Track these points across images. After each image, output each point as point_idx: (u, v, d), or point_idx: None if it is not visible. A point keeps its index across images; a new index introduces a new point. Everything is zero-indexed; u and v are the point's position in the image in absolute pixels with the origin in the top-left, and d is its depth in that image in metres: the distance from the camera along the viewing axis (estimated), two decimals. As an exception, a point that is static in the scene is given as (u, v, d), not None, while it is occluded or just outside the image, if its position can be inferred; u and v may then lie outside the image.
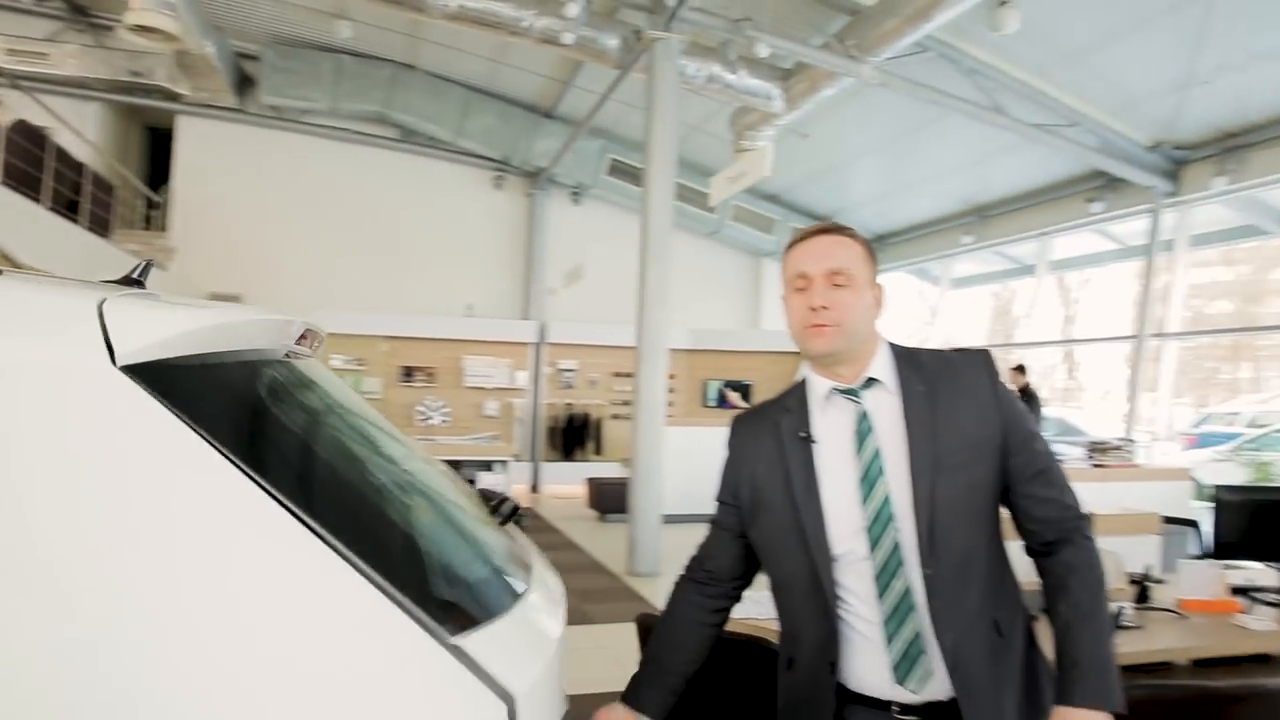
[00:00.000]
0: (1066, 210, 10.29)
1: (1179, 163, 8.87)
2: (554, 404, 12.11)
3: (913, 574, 1.44)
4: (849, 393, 1.52)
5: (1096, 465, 6.49)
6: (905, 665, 1.45)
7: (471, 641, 0.93)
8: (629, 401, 12.71)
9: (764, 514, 1.56)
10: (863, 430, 1.49)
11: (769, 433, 1.58)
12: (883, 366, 1.54)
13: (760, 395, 12.55)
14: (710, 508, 1.67)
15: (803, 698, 1.54)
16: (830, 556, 1.47)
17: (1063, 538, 1.50)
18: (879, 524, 1.45)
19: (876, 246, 7.81)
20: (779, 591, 1.60)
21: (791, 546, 1.51)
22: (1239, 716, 2.14)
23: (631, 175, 12.73)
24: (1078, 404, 19.46)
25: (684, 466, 7.54)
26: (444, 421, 11.33)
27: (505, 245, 13.03)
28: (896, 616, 1.45)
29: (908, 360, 1.55)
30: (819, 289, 1.48)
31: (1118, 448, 6.50)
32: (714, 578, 1.64)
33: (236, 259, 11.49)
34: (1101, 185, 9.60)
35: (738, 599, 1.68)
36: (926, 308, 15.58)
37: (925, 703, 1.46)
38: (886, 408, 1.50)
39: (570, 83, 11.04)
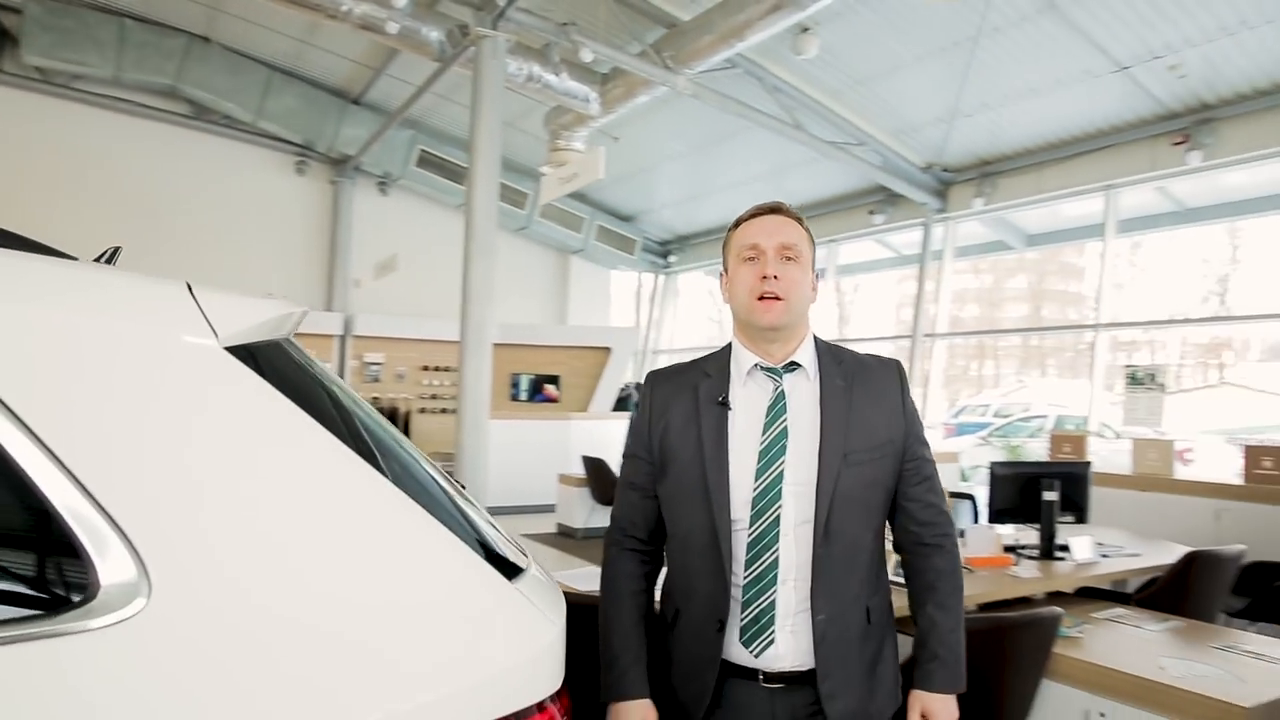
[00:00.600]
0: (852, 220, 11.33)
1: (946, 183, 10.05)
2: (360, 398, 11.81)
3: (785, 552, 1.51)
4: (771, 371, 1.59)
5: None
6: (752, 631, 1.53)
7: (521, 586, 1.12)
8: (438, 395, 12.65)
9: (672, 469, 1.60)
10: (776, 409, 1.56)
11: (687, 393, 1.62)
12: (807, 353, 1.61)
13: (567, 388, 12.87)
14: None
15: (689, 651, 1.58)
16: (730, 518, 1.52)
17: (936, 543, 1.63)
18: (765, 499, 1.51)
19: (677, 247, 8.56)
20: (676, 546, 1.64)
21: (695, 504, 1.55)
22: (1017, 638, 2.70)
23: (442, 167, 12.62)
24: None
25: (501, 460, 7.72)
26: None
27: (308, 234, 12.53)
28: (758, 587, 1.51)
29: (830, 354, 1.63)
30: (771, 260, 1.56)
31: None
32: (644, 543, 1.67)
33: (-5, 236, 10.32)
34: (883, 199, 10.67)
35: (661, 561, 1.71)
36: (715, 304, 16.44)
37: (784, 670, 1.53)
38: (803, 393, 1.58)
39: (382, 70, 10.80)
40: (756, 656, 1.53)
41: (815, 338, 1.65)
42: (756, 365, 1.60)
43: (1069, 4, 6.75)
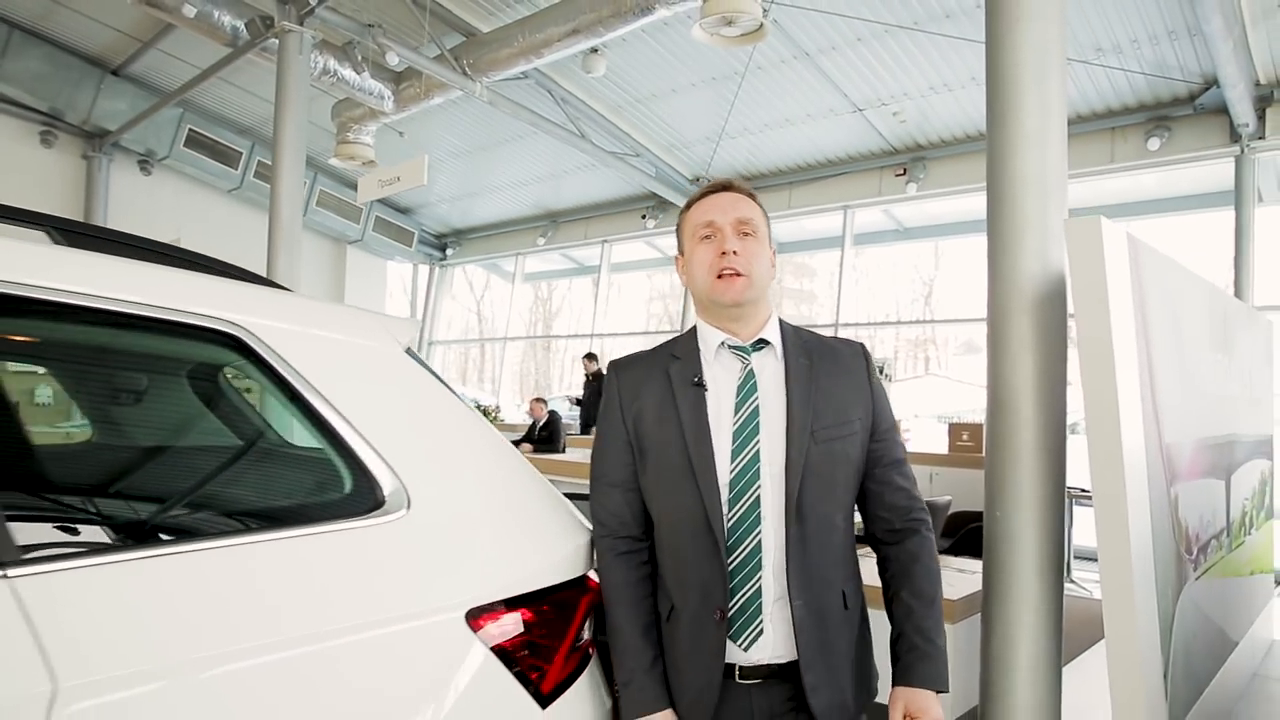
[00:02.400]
0: (626, 223, 12.26)
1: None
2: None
3: (767, 535, 1.47)
4: (740, 350, 1.55)
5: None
6: (740, 621, 1.47)
7: (569, 506, 1.73)
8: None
9: (653, 455, 1.55)
10: (746, 387, 1.52)
11: (658, 377, 1.57)
12: (774, 331, 1.58)
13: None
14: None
15: (692, 648, 1.51)
16: (719, 496, 1.48)
17: (908, 528, 1.58)
18: (743, 480, 1.47)
19: (453, 240, 9.35)
20: (665, 537, 1.57)
21: (682, 487, 1.50)
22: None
23: (212, 149, 12.10)
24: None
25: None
26: None
27: (57, 211, 11.50)
28: (743, 573, 1.46)
29: (794, 333, 1.61)
30: (729, 236, 1.52)
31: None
32: (637, 541, 1.60)
33: None
34: (654, 205, 11.68)
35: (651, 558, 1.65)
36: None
37: (764, 664, 1.47)
38: (771, 371, 1.54)
39: (151, 44, 10.25)
40: (746, 650, 1.47)
41: (779, 318, 1.63)
42: (724, 344, 1.56)
43: (818, 54, 8.00)
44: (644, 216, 11.86)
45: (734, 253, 1.51)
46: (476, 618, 1.32)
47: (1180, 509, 3.10)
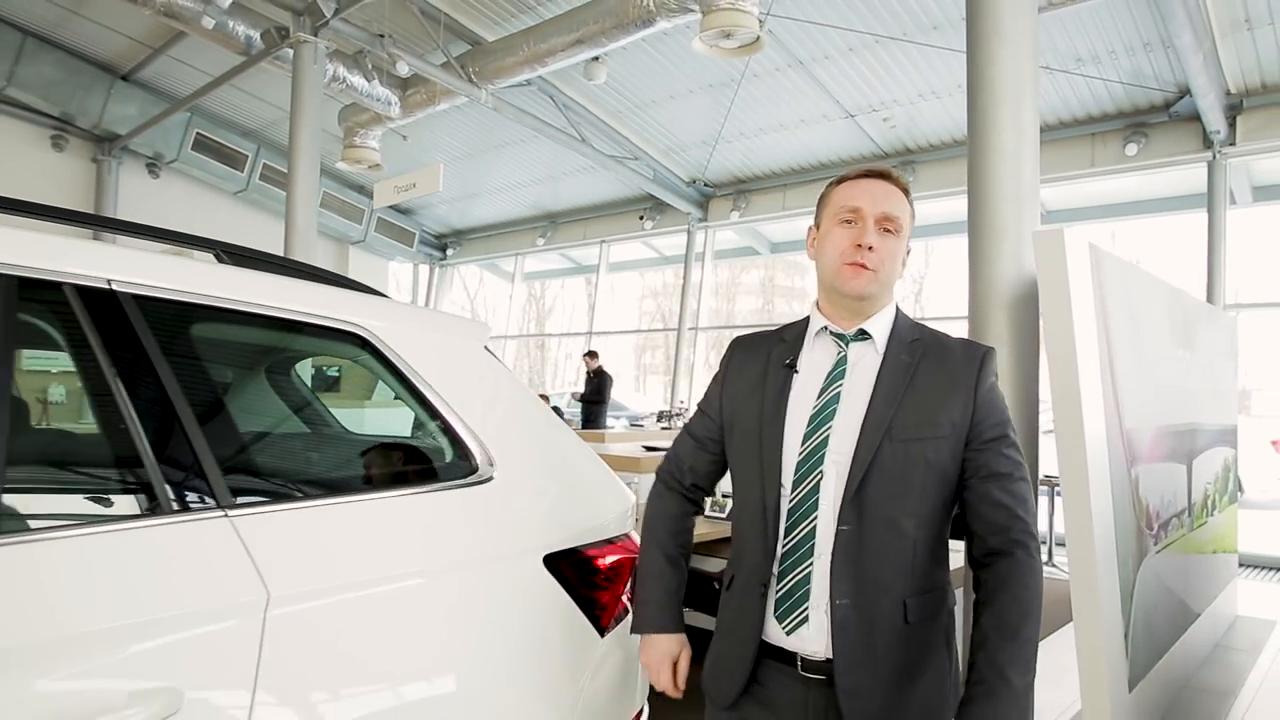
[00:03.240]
0: (624, 224, 12.59)
1: (708, 197, 11.57)
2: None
3: (822, 525, 1.43)
4: (839, 337, 1.53)
5: (665, 428, 8.57)
6: (786, 605, 1.45)
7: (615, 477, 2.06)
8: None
9: (737, 430, 1.57)
10: (834, 375, 1.50)
11: (760, 357, 1.59)
12: (881, 325, 1.53)
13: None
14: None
15: (733, 619, 1.53)
16: (779, 480, 1.47)
17: (1004, 549, 1.44)
18: (807, 465, 1.45)
19: (453, 241, 9.75)
20: (736, 508, 1.59)
21: (751, 465, 1.52)
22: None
23: (219, 152, 12.38)
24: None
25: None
26: None
27: (67, 213, 11.79)
28: (794, 557, 1.44)
29: (908, 330, 1.55)
30: (870, 229, 1.47)
31: (679, 414, 8.63)
32: (696, 489, 1.67)
33: None
34: (652, 207, 12.01)
35: (701, 510, 1.72)
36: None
37: (821, 661, 1.43)
38: (866, 363, 1.51)
39: (162, 50, 10.52)
40: (789, 634, 1.44)
41: (898, 311, 1.57)
42: (825, 328, 1.55)
43: (812, 63, 8.34)
44: (641, 217, 12.18)
45: (870, 248, 1.46)
46: (552, 561, 1.66)
47: (1141, 488, 3.45)
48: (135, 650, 1.11)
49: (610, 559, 1.78)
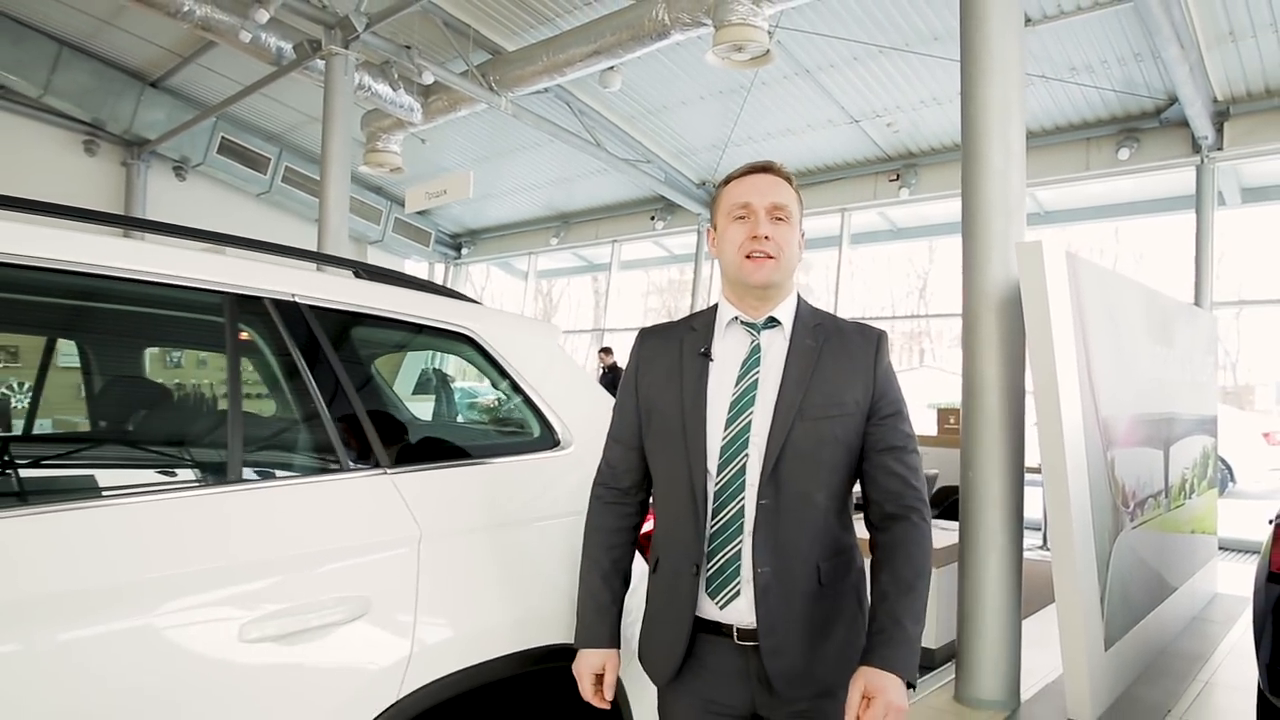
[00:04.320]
0: (635, 224, 12.99)
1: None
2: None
3: (749, 504, 1.51)
4: (750, 326, 1.61)
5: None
6: (718, 582, 1.53)
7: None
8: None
9: (655, 419, 1.63)
10: (750, 362, 1.57)
11: (673, 346, 1.65)
12: (786, 312, 1.62)
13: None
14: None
15: (665, 600, 1.60)
16: (705, 464, 1.54)
17: (899, 514, 1.55)
18: (731, 449, 1.53)
19: (468, 240, 10.31)
20: (660, 495, 1.66)
21: (675, 451, 1.57)
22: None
23: (243, 155, 12.79)
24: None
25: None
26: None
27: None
28: (723, 537, 1.53)
29: (810, 316, 1.64)
30: (762, 220, 1.55)
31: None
32: (626, 495, 1.72)
33: None
34: (663, 208, 12.41)
35: (645, 510, 1.75)
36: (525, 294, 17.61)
37: (737, 626, 1.53)
38: (777, 349, 1.59)
39: (191, 59, 10.93)
40: (722, 609, 1.53)
41: (800, 298, 1.68)
42: (736, 319, 1.62)
43: (818, 71, 8.72)
44: (653, 218, 12.58)
45: (765, 237, 1.55)
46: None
47: (1117, 470, 3.86)
48: (335, 566, 1.52)
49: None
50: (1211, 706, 3.93)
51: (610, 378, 11.39)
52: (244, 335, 1.65)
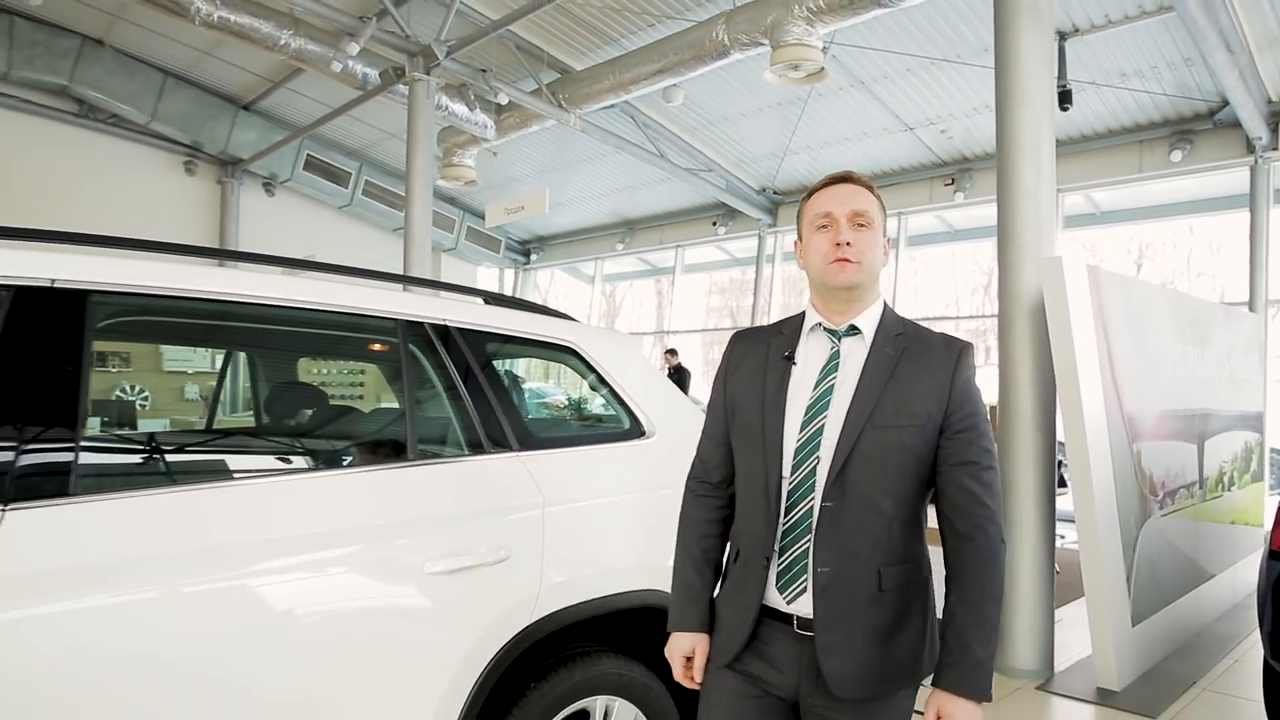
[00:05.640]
0: (698, 230, 13.48)
1: (777, 204, 12.39)
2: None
3: (818, 505, 1.56)
4: (831, 332, 1.66)
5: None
6: (787, 578, 1.59)
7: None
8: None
9: (739, 418, 1.70)
10: (829, 368, 1.63)
11: (761, 349, 1.72)
12: (869, 320, 1.66)
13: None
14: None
15: (738, 587, 1.66)
16: (780, 464, 1.59)
17: (968, 533, 1.57)
18: (804, 451, 1.58)
19: (537, 247, 11.03)
20: (740, 489, 1.71)
21: (754, 450, 1.64)
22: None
23: (326, 171, 13.62)
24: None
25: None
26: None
27: (198, 232, 13.14)
28: (793, 534, 1.58)
29: (893, 324, 1.67)
30: (844, 227, 1.60)
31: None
32: (717, 488, 1.78)
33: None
34: (724, 213, 12.87)
35: (734, 501, 1.78)
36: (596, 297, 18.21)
37: (801, 616, 1.58)
38: (856, 356, 1.63)
39: (281, 84, 11.75)
40: (789, 603, 1.59)
41: (886, 306, 1.71)
42: (819, 325, 1.68)
43: (872, 83, 9.10)
44: (714, 223, 13.05)
45: (847, 244, 1.60)
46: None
47: (1143, 461, 4.21)
48: (485, 524, 2.04)
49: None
50: (1239, 678, 4.23)
51: (675, 379, 11.89)
52: (411, 352, 2.18)
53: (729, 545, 1.75)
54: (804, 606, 1.57)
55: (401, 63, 8.81)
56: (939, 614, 1.64)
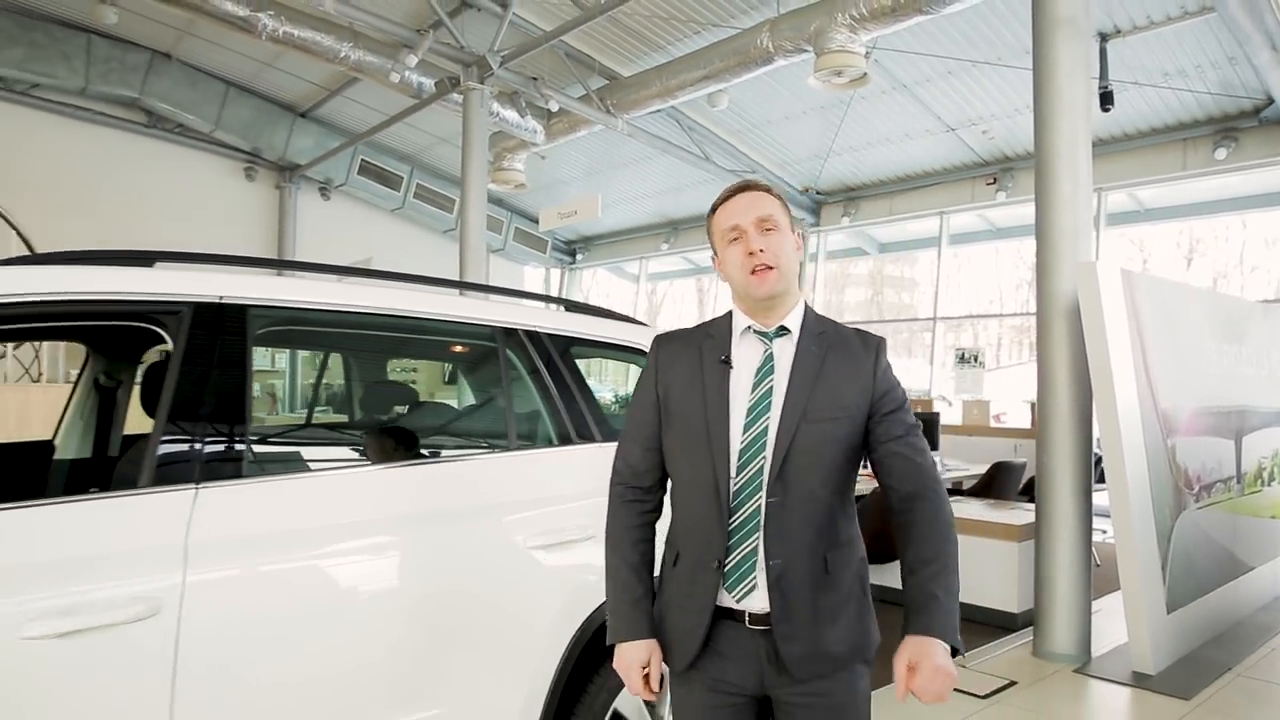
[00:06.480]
0: (740, 230, 13.67)
1: (820, 204, 12.58)
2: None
3: (765, 502, 1.61)
4: (762, 334, 1.70)
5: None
6: (735, 575, 1.63)
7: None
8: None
9: (677, 423, 1.72)
10: (764, 369, 1.67)
11: (692, 353, 1.74)
12: (795, 320, 1.71)
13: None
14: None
15: (685, 593, 1.68)
16: (728, 466, 1.63)
17: (916, 491, 1.66)
18: (749, 452, 1.62)
19: (582, 247, 11.46)
20: (680, 494, 1.74)
21: (698, 454, 1.66)
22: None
23: (379, 175, 14.06)
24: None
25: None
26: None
27: (257, 236, 13.64)
28: (741, 533, 1.62)
29: (816, 324, 1.73)
30: (753, 236, 1.65)
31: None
32: (646, 493, 1.80)
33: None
34: (766, 214, 13.06)
35: (662, 508, 1.81)
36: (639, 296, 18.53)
37: (753, 612, 1.62)
38: (787, 355, 1.68)
39: (338, 92, 12.20)
40: (739, 601, 1.63)
41: (807, 306, 1.76)
42: (749, 328, 1.72)
43: (914, 85, 9.26)
44: (757, 223, 13.24)
45: (760, 250, 1.64)
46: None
47: (1178, 455, 4.39)
48: (573, 505, 2.33)
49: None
50: (1276, 665, 4.39)
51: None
52: (510, 355, 2.49)
53: (667, 551, 1.77)
54: (754, 602, 1.62)
55: (456, 72, 9.15)
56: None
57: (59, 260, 1.89)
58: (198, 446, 1.81)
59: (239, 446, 1.89)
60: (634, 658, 1.68)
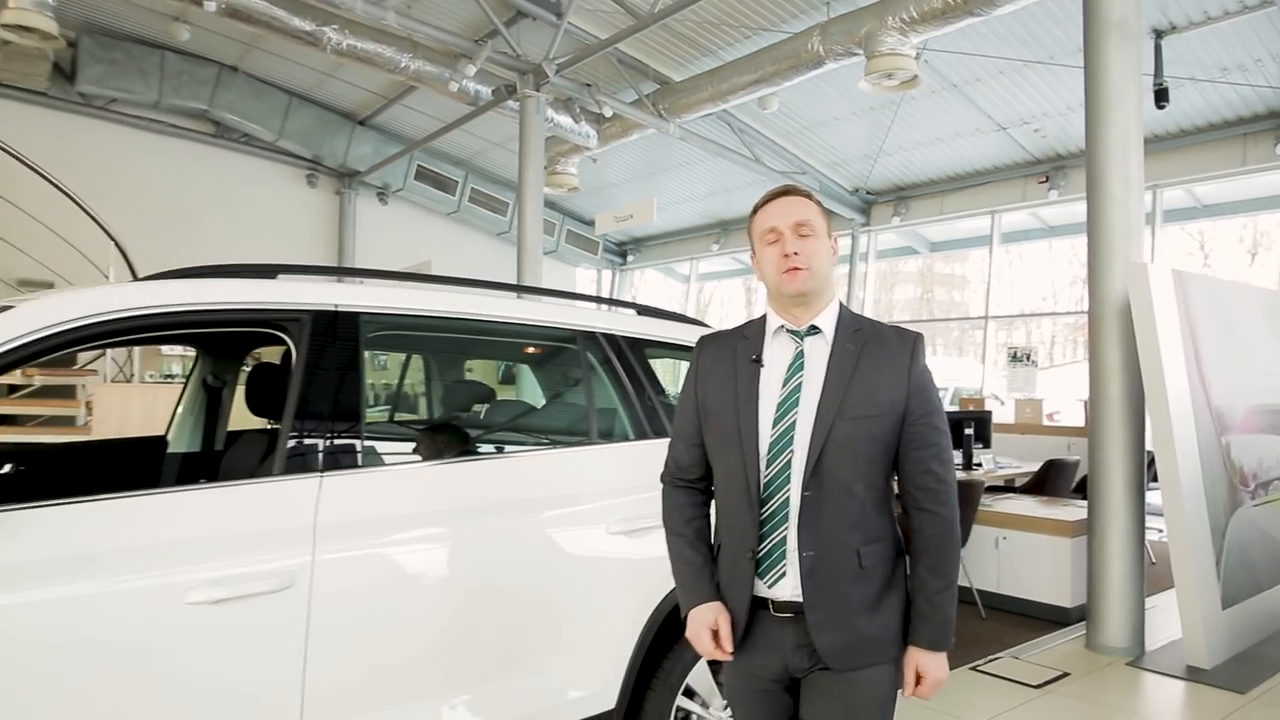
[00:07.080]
0: (790, 230, 13.76)
1: (870, 204, 12.63)
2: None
3: (794, 495, 1.67)
4: (794, 333, 1.75)
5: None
6: (766, 564, 1.70)
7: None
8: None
9: (713, 420, 1.79)
10: (794, 367, 1.73)
11: (728, 353, 1.82)
12: (828, 319, 1.76)
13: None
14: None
15: (727, 582, 1.77)
16: (758, 460, 1.70)
17: (930, 509, 1.72)
18: (778, 446, 1.68)
19: (633, 248, 11.68)
20: (719, 487, 1.82)
21: (731, 450, 1.73)
22: (964, 496, 5.01)
23: (434, 180, 14.42)
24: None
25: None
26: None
27: (318, 240, 14.10)
28: (771, 524, 1.69)
29: (850, 321, 1.77)
30: (789, 238, 1.71)
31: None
32: (693, 482, 1.88)
33: (43, 245, 11.15)
34: (817, 214, 13.14)
35: (710, 496, 1.89)
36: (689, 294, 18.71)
37: (784, 601, 1.69)
38: (819, 354, 1.73)
39: (395, 100, 12.56)
40: (770, 588, 1.70)
41: (842, 306, 1.81)
42: (781, 327, 1.77)
43: (964, 85, 9.29)
44: (807, 223, 13.31)
45: (795, 253, 1.70)
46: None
47: (1233, 453, 4.44)
48: (644, 495, 2.50)
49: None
50: (1331, 664, 4.41)
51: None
52: (591, 357, 2.69)
53: (715, 541, 1.84)
54: (783, 590, 1.68)
55: (512, 80, 9.41)
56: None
57: (194, 275, 2.13)
58: (321, 439, 2.03)
59: (355, 439, 2.11)
60: (699, 619, 1.76)
